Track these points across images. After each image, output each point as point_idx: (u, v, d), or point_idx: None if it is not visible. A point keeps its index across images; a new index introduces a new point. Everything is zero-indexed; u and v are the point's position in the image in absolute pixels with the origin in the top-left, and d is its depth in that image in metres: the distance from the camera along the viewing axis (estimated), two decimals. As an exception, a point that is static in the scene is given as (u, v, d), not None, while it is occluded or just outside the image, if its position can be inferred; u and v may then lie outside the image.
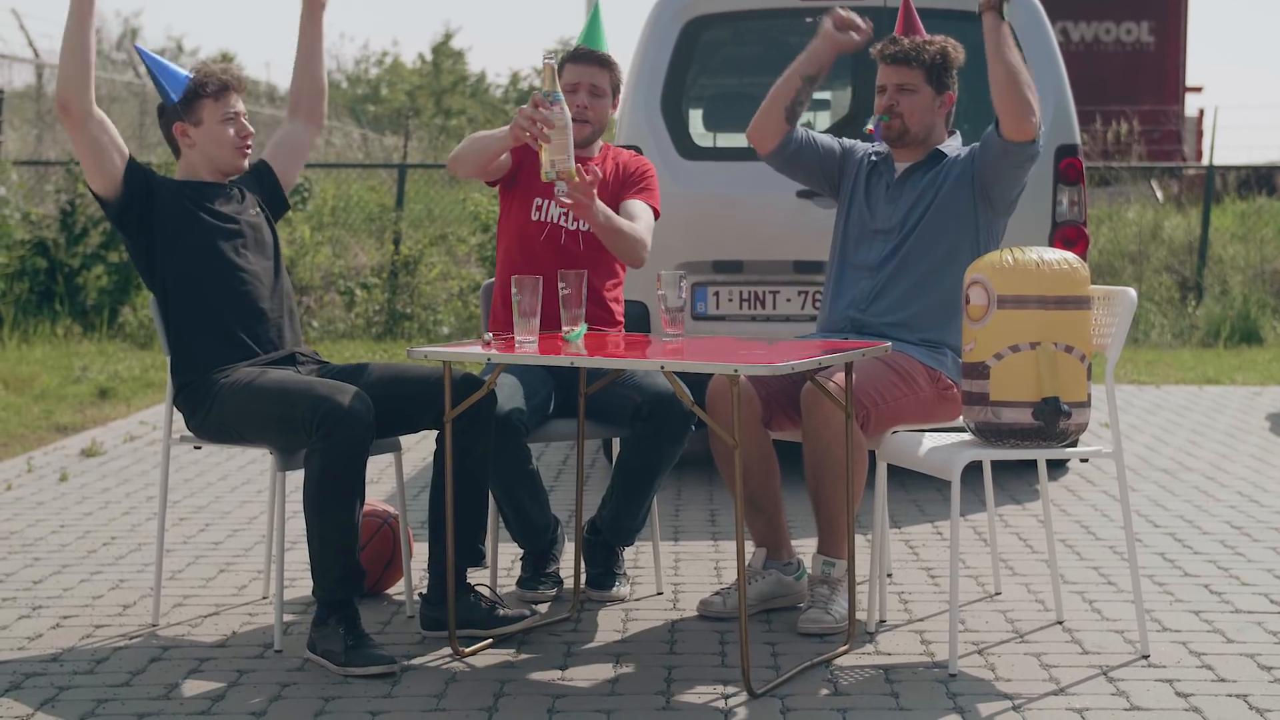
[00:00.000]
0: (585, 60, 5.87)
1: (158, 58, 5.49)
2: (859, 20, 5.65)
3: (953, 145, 5.72)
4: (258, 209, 5.53)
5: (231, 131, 5.39)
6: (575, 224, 5.78)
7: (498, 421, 5.30)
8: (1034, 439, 4.92)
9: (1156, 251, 16.70)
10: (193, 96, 5.39)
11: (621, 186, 5.87)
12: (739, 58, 8.81)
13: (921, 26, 5.82)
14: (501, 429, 5.31)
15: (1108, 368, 5.10)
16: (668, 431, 5.52)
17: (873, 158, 5.83)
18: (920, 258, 5.58)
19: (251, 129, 5.46)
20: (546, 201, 5.79)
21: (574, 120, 5.56)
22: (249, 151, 5.48)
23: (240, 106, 5.43)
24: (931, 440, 5.24)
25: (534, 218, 5.80)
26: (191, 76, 5.43)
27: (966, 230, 5.59)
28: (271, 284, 5.40)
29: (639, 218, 5.71)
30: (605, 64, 5.88)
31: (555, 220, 5.80)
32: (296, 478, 5.09)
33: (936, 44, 5.66)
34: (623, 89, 6.09)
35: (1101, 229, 16.99)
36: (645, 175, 5.93)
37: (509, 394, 5.40)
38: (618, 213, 5.68)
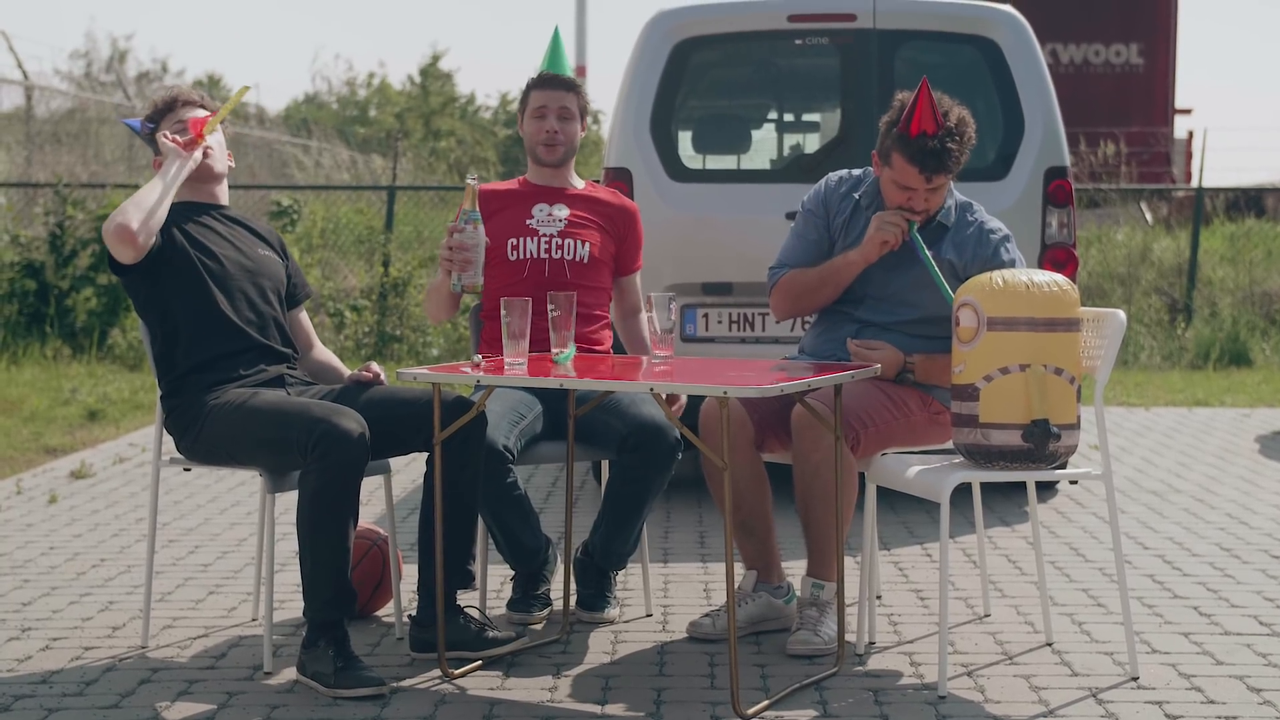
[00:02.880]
0: (551, 85, 5.89)
1: (134, 122, 5.57)
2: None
3: (948, 210, 5.55)
4: (268, 250, 5.50)
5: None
6: (559, 252, 5.79)
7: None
8: (1023, 461, 4.92)
9: (1146, 273, 16.73)
10: (149, 136, 5.44)
11: (619, 243, 5.97)
12: (728, 79, 8.83)
13: (939, 112, 5.42)
14: (487, 457, 5.31)
15: (1097, 390, 5.10)
16: (655, 462, 5.52)
17: (859, 200, 5.64)
18: (917, 323, 5.52)
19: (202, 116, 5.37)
20: (521, 239, 5.81)
21: (545, 144, 5.86)
22: (200, 144, 5.32)
23: (189, 114, 5.37)
24: (920, 462, 5.24)
25: (511, 258, 5.81)
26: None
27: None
28: (261, 307, 5.37)
29: (640, 310, 5.92)
30: (571, 87, 5.89)
31: (536, 255, 5.80)
32: (286, 500, 5.09)
33: (967, 137, 5.39)
34: (612, 110, 6.12)
35: (1091, 251, 17.02)
36: (639, 234, 6.07)
37: (494, 422, 5.40)
38: (621, 287, 6.03)
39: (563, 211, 5.88)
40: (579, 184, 6.03)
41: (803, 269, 5.64)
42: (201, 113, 5.38)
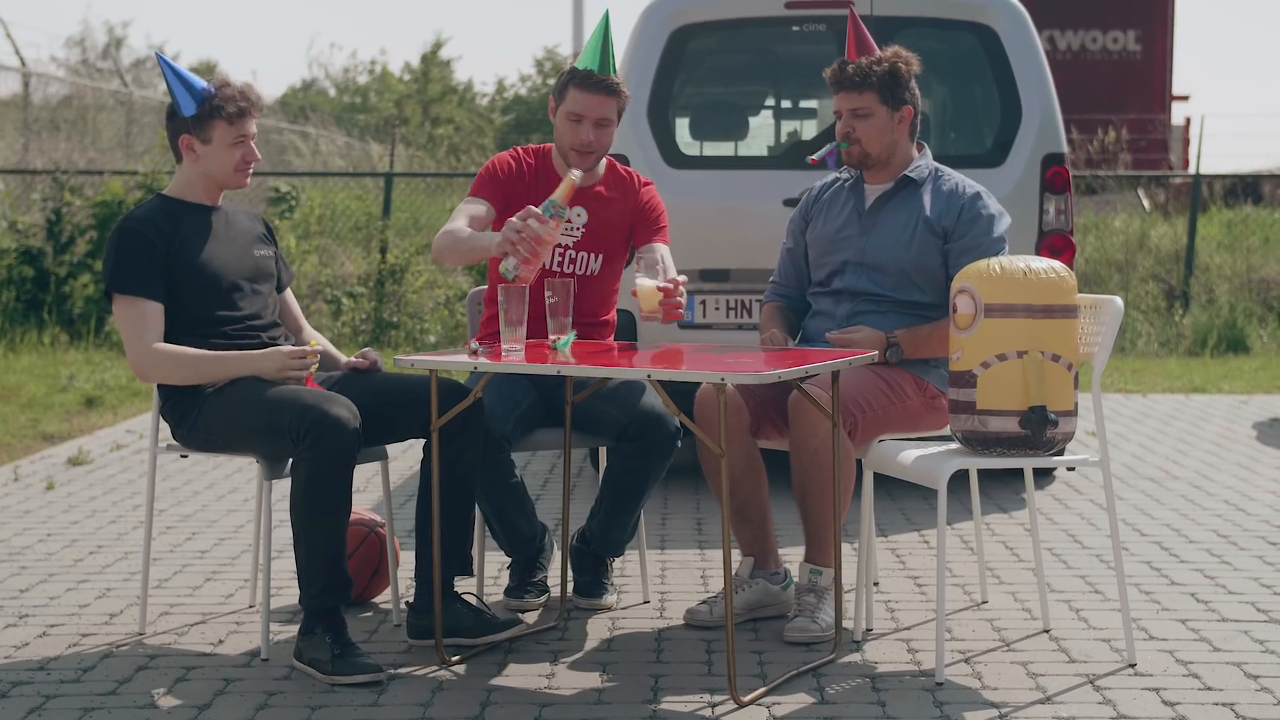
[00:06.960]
0: (593, 89, 5.55)
1: (177, 66, 5.29)
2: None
3: (921, 168, 5.63)
4: (263, 249, 5.46)
5: (239, 155, 5.29)
6: (571, 266, 5.69)
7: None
8: (1021, 447, 4.92)
9: (1143, 260, 16.73)
10: (207, 115, 5.26)
11: (637, 220, 5.74)
12: (725, 66, 8.82)
13: (873, 44, 5.68)
14: (484, 444, 5.29)
15: (1094, 376, 5.11)
16: (655, 450, 5.49)
17: (843, 181, 5.78)
18: (898, 287, 5.54)
19: (258, 155, 5.37)
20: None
21: (577, 151, 5.57)
22: (249, 173, 5.37)
23: (252, 129, 5.31)
24: (918, 449, 5.24)
25: None
26: (210, 90, 5.27)
27: (943, 266, 5.55)
28: (258, 307, 5.35)
29: (672, 269, 5.53)
30: (613, 91, 5.56)
31: (548, 265, 5.63)
32: (283, 486, 5.08)
33: (885, 61, 5.55)
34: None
35: (1088, 238, 17.02)
36: (661, 213, 5.78)
37: (491, 408, 5.38)
38: (644, 255, 5.55)
39: (581, 218, 5.68)
40: (600, 170, 5.78)
41: (776, 305, 5.84)
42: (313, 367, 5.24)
